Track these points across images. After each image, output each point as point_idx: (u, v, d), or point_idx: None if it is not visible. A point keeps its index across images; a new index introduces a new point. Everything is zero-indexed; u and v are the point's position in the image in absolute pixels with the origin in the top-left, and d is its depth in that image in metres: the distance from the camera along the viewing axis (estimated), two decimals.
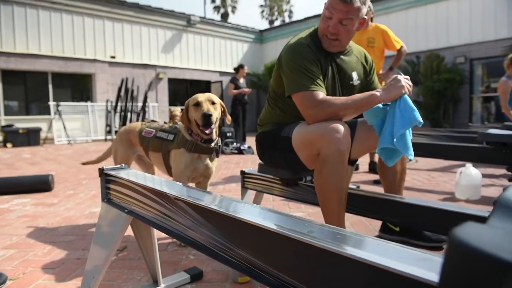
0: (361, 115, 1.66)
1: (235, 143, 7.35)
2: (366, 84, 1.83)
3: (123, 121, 12.27)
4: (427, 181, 3.76)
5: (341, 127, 1.43)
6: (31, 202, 3.19)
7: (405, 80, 1.53)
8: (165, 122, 2.24)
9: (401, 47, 3.84)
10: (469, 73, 11.52)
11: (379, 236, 2.08)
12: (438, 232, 1.70)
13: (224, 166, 5.24)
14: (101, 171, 1.33)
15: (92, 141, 11.86)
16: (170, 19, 14.74)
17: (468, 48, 11.49)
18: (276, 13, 37.88)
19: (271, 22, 37.46)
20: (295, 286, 0.67)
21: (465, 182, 2.91)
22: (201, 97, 1.95)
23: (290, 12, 37.84)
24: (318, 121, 1.51)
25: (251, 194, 2.26)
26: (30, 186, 3.59)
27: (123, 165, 1.37)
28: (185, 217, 0.94)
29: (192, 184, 2.20)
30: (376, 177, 3.85)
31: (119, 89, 12.39)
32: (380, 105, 1.58)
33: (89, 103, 12.28)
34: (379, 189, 1.98)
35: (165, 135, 2.05)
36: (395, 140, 1.47)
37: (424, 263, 0.49)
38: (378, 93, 1.51)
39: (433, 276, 0.43)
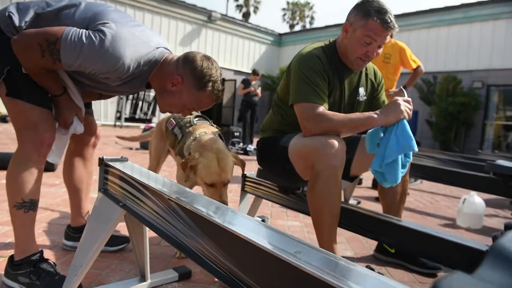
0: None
1: (241, 144, 7.34)
2: (373, 100, 1.81)
3: (134, 109, 12.37)
4: (430, 204, 3.71)
5: (336, 143, 1.41)
6: None
7: (405, 104, 1.49)
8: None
9: (418, 66, 3.77)
10: (485, 98, 11.40)
11: (374, 256, 2.05)
12: (433, 259, 1.66)
13: None
14: (101, 161, 1.32)
15: (101, 126, 11.95)
16: (192, 13, 14.82)
17: (486, 73, 11.38)
18: (297, 18, 37.92)
19: (291, 26, 37.51)
20: None
21: (467, 210, 2.86)
22: (216, 175, 1.59)
23: (312, 18, 37.87)
24: (314, 134, 1.49)
25: (250, 198, 2.26)
26: None
27: (123, 156, 1.36)
28: (176, 218, 0.93)
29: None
30: None
31: None
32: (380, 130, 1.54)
33: None
34: (380, 207, 1.95)
35: (178, 131, 1.95)
36: (383, 164, 1.43)
37: None
38: (376, 116, 1.48)
39: None
